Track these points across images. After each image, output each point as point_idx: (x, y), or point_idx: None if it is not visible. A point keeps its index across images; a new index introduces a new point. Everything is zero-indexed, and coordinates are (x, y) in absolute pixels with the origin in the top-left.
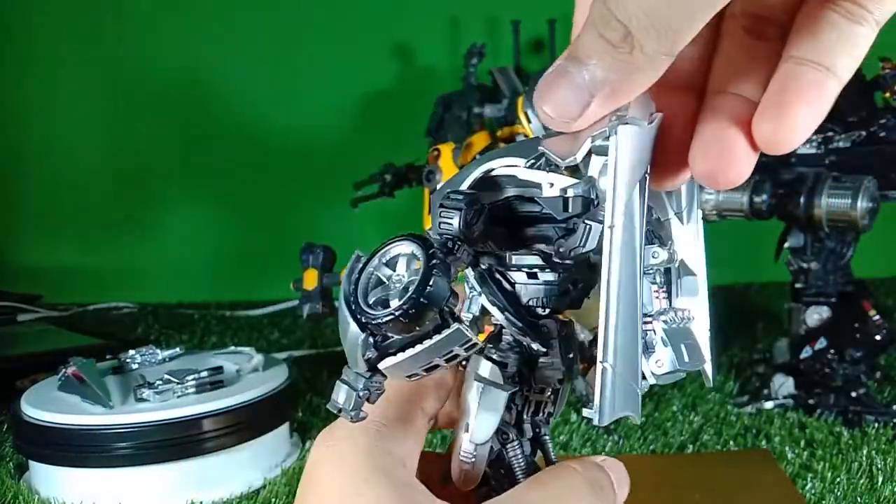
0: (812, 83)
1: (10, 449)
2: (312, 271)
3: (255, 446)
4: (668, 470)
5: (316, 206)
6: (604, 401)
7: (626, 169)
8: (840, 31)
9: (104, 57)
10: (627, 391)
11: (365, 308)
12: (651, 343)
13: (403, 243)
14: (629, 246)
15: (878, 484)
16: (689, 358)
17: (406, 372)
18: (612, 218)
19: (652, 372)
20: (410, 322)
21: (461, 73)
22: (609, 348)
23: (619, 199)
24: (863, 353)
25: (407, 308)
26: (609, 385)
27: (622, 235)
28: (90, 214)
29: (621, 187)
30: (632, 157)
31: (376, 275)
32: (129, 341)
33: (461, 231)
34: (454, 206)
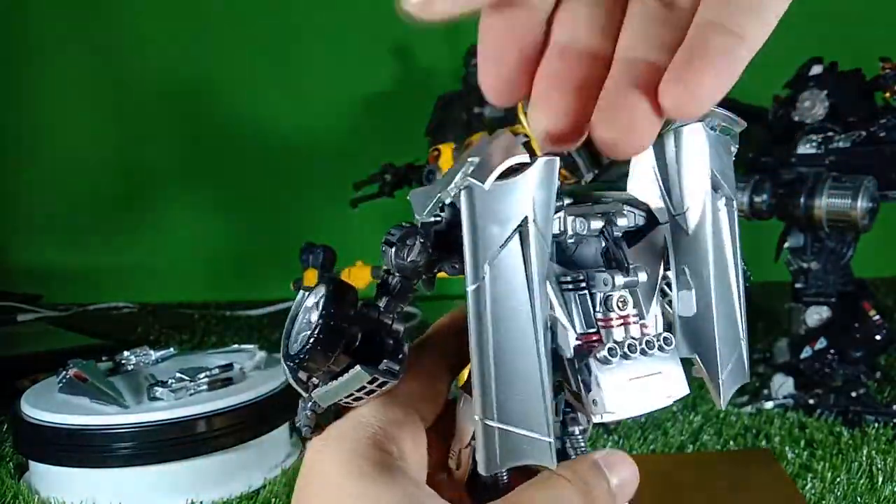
0: (720, 48)
1: (10, 449)
2: (312, 271)
3: (255, 446)
4: (669, 469)
5: (316, 206)
6: (488, 453)
7: (480, 227)
8: None
9: (105, 58)
10: (525, 443)
11: (291, 347)
12: (589, 381)
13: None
14: (504, 301)
15: (878, 484)
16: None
17: (331, 401)
18: (471, 280)
19: (590, 412)
20: (317, 361)
21: (461, 73)
22: (487, 406)
23: (479, 260)
24: (863, 353)
25: (306, 352)
26: (492, 440)
27: (488, 294)
28: (90, 214)
29: (480, 248)
30: (485, 215)
31: (308, 316)
32: (130, 341)
33: (393, 266)
34: (389, 241)
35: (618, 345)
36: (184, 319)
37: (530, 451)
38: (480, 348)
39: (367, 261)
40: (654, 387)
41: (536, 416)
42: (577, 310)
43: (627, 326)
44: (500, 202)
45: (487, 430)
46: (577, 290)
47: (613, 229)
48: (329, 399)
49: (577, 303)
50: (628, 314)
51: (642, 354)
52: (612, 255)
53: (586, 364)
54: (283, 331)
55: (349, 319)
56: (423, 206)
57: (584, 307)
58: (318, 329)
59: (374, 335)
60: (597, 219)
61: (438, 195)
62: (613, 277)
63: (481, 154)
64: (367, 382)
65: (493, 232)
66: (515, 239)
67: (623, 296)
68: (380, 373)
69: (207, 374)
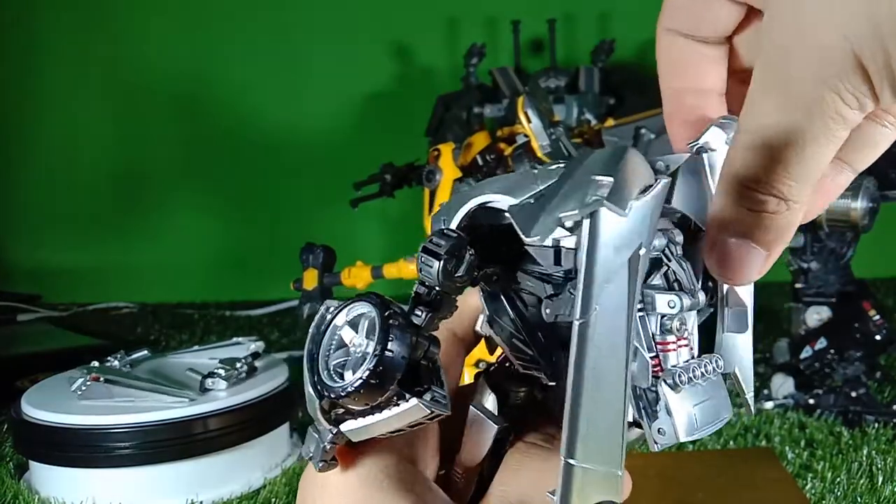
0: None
1: (10, 449)
2: (312, 271)
3: (255, 446)
4: (671, 468)
5: (316, 206)
6: (568, 495)
7: (601, 258)
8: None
9: (105, 58)
10: (601, 480)
11: (322, 374)
12: (653, 409)
13: (364, 304)
14: (607, 337)
15: (878, 484)
16: (701, 422)
17: (369, 435)
18: (580, 312)
19: (654, 441)
20: (367, 397)
21: (461, 73)
22: (576, 445)
23: (593, 292)
24: (863, 353)
25: (358, 387)
26: (574, 481)
27: (596, 330)
28: (90, 214)
29: (597, 279)
30: (609, 244)
31: (339, 335)
32: (130, 341)
33: (439, 283)
34: (434, 252)
35: (682, 369)
36: (184, 319)
37: (604, 487)
38: (579, 386)
39: (367, 261)
40: (711, 411)
41: (614, 451)
42: (637, 333)
43: (681, 350)
44: (626, 230)
45: (572, 471)
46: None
47: (676, 248)
48: (366, 434)
49: (637, 325)
50: (683, 336)
51: (701, 379)
52: (675, 276)
53: (650, 390)
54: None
55: (406, 348)
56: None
57: (645, 330)
58: (376, 362)
59: (412, 358)
60: (660, 236)
61: (559, 216)
62: (681, 300)
63: (609, 172)
64: (421, 416)
65: (612, 261)
66: (625, 267)
67: (681, 317)
68: (435, 405)
69: (243, 362)
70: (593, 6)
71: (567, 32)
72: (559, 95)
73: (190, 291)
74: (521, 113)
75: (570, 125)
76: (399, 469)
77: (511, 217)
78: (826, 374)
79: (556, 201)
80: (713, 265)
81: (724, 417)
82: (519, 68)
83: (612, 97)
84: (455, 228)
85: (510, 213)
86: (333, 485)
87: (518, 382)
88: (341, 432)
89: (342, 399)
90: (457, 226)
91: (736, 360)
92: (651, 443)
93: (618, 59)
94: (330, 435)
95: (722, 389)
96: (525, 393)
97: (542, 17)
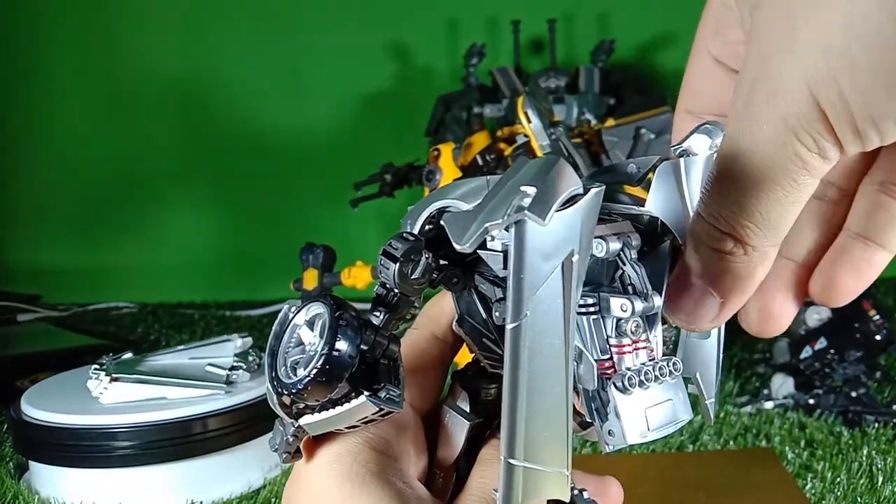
0: (861, 258)
1: (9, 449)
2: (312, 271)
3: (255, 446)
4: (671, 469)
5: (316, 206)
6: (510, 493)
7: (528, 265)
8: (891, 213)
9: (105, 57)
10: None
11: (280, 371)
12: (605, 410)
13: (320, 305)
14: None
15: (878, 484)
16: (654, 425)
17: (325, 429)
18: (512, 317)
19: (605, 442)
20: (317, 393)
21: (461, 73)
22: (516, 445)
23: (523, 297)
24: (863, 353)
25: (307, 384)
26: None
27: (528, 333)
28: (90, 214)
29: (526, 286)
30: (535, 251)
31: (297, 333)
32: (130, 341)
33: (396, 284)
34: (391, 255)
35: (634, 372)
36: (184, 319)
37: (550, 486)
38: (514, 388)
39: (367, 261)
40: (665, 414)
41: (559, 451)
42: (590, 335)
43: (638, 352)
44: (551, 236)
45: (512, 470)
46: (590, 315)
47: (631, 252)
48: (322, 428)
49: (590, 327)
50: (640, 339)
51: (656, 381)
52: (629, 280)
53: (600, 393)
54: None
55: (354, 347)
56: (465, 235)
57: (598, 332)
58: (322, 360)
59: (370, 356)
60: (615, 241)
61: (486, 226)
62: (633, 303)
63: (534, 182)
64: (371, 413)
65: (540, 267)
66: (557, 272)
67: (636, 320)
68: (385, 403)
69: (256, 355)
70: (593, 6)
71: (567, 32)
72: (559, 95)
73: (190, 291)
74: (521, 113)
75: (570, 125)
76: (380, 464)
77: (445, 225)
78: (826, 374)
79: (486, 210)
80: (669, 304)
81: (681, 420)
82: (519, 68)
83: (612, 97)
84: (415, 232)
85: (444, 222)
86: (316, 482)
87: (488, 380)
88: (302, 427)
89: (293, 395)
90: (419, 229)
91: (697, 365)
92: (602, 444)
93: (618, 59)
94: (292, 428)
95: (681, 391)
96: (495, 390)
97: (542, 17)
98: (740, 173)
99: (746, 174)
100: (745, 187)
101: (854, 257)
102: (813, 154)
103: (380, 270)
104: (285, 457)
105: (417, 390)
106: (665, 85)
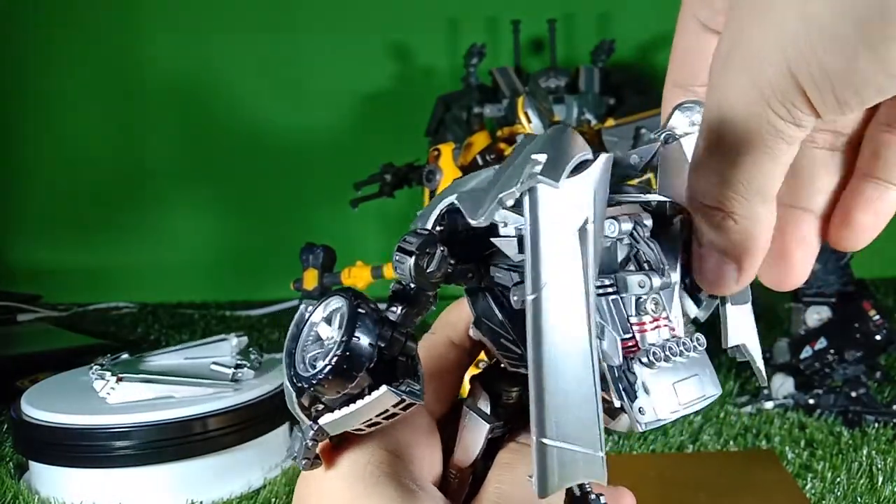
0: (875, 195)
1: (9, 449)
2: (312, 271)
3: (255, 446)
4: (672, 470)
5: (316, 206)
6: (545, 474)
7: (545, 232)
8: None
9: (105, 57)
10: (580, 459)
11: (298, 367)
12: (633, 389)
13: (339, 299)
14: (564, 312)
15: (878, 484)
16: (683, 399)
17: (345, 427)
18: (531, 288)
19: (637, 421)
20: (337, 384)
21: (461, 73)
22: (547, 423)
23: (542, 267)
24: (863, 353)
25: (327, 373)
26: (551, 459)
27: (549, 304)
28: (90, 214)
29: (543, 254)
30: (550, 217)
31: (315, 331)
32: (130, 341)
33: (412, 278)
34: (406, 250)
35: (658, 347)
36: (184, 319)
37: (585, 468)
38: (539, 362)
39: (367, 261)
40: (694, 389)
41: (591, 431)
42: (610, 315)
43: (660, 329)
44: (567, 203)
45: (545, 450)
46: (608, 295)
47: (644, 230)
48: (343, 426)
49: (609, 308)
50: (660, 316)
51: (680, 356)
52: (645, 257)
53: (626, 371)
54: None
55: (374, 336)
56: (479, 209)
57: (619, 312)
58: (342, 347)
59: (388, 353)
60: (626, 220)
61: (500, 196)
62: (651, 279)
63: (544, 149)
64: (392, 405)
65: (557, 235)
66: (575, 242)
67: (655, 297)
68: (406, 394)
69: (255, 353)
70: (593, 6)
71: (567, 32)
72: (559, 95)
73: (190, 291)
74: (521, 113)
75: (570, 125)
76: (393, 465)
77: (459, 204)
78: (826, 374)
79: (499, 184)
80: (695, 274)
81: (710, 395)
82: (519, 68)
83: (612, 97)
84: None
85: (458, 201)
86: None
87: (509, 383)
88: (322, 428)
89: (314, 387)
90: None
91: (741, 333)
92: (634, 423)
93: (618, 59)
94: (311, 432)
95: (707, 367)
96: (517, 393)
97: (542, 17)
98: (719, 144)
99: (724, 144)
100: (724, 158)
101: (868, 196)
102: (787, 123)
103: (395, 266)
104: (305, 463)
105: (434, 394)
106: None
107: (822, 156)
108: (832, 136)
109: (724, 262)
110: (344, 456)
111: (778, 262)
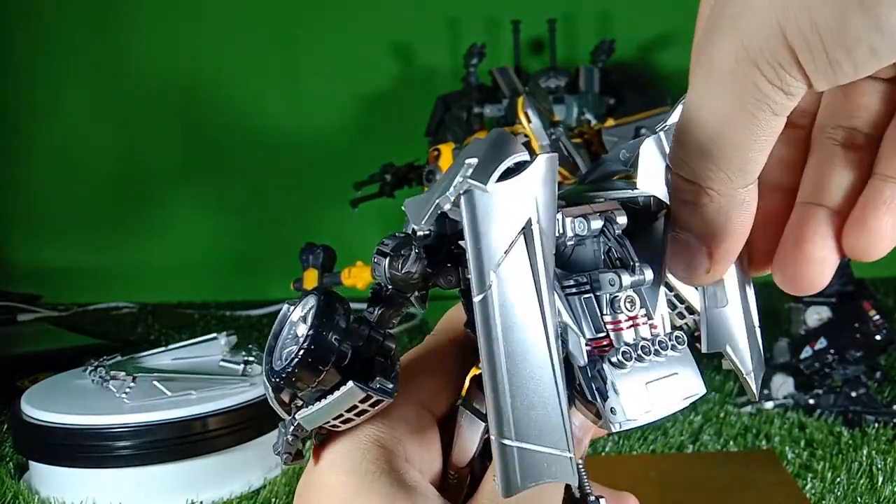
0: (893, 197)
1: (9, 449)
2: (312, 271)
3: (255, 446)
4: (672, 470)
5: (316, 206)
6: (507, 474)
7: (483, 234)
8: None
9: (105, 58)
10: (544, 460)
11: (275, 364)
12: (605, 389)
13: (313, 297)
14: (515, 312)
15: (878, 484)
16: (657, 400)
17: (319, 422)
18: (477, 289)
19: (609, 421)
20: (305, 377)
21: (461, 73)
22: (504, 424)
23: (484, 269)
24: (863, 353)
25: (294, 365)
26: (511, 459)
27: (497, 304)
28: (90, 214)
29: (485, 255)
30: (487, 220)
31: (294, 330)
32: (130, 341)
33: (388, 279)
34: (382, 252)
35: (630, 347)
36: (184, 319)
37: (550, 468)
38: (492, 362)
39: (367, 261)
40: (671, 389)
41: (555, 431)
42: (583, 314)
43: (637, 328)
44: (503, 204)
45: (505, 451)
46: (582, 294)
47: (615, 228)
48: (315, 421)
49: (582, 307)
50: (636, 315)
51: (655, 356)
52: (616, 255)
53: (599, 370)
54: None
55: (341, 332)
56: (421, 214)
57: (591, 311)
58: (308, 341)
59: (365, 352)
60: (596, 218)
61: (437, 201)
62: (620, 277)
63: (478, 154)
64: (360, 401)
65: (497, 237)
66: (520, 243)
67: (630, 296)
68: (373, 391)
69: (251, 354)
70: (593, 6)
71: (567, 32)
72: (559, 95)
73: (190, 291)
74: (521, 113)
75: (570, 125)
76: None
77: (404, 209)
78: (826, 374)
79: (439, 189)
80: (668, 261)
81: (692, 394)
82: (519, 68)
83: (612, 97)
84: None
85: (405, 207)
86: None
87: None
88: (300, 425)
89: (283, 380)
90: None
91: (725, 337)
92: (606, 424)
93: (618, 59)
94: (291, 427)
95: (689, 366)
96: None
97: (542, 17)
98: (699, 115)
99: (705, 115)
100: (707, 126)
101: (886, 198)
102: (775, 87)
103: (373, 268)
104: (286, 457)
105: (433, 393)
106: (665, 85)
107: (837, 151)
108: (847, 131)
109: (695, 246)
110: (340, 452)
111: (796, 261)
